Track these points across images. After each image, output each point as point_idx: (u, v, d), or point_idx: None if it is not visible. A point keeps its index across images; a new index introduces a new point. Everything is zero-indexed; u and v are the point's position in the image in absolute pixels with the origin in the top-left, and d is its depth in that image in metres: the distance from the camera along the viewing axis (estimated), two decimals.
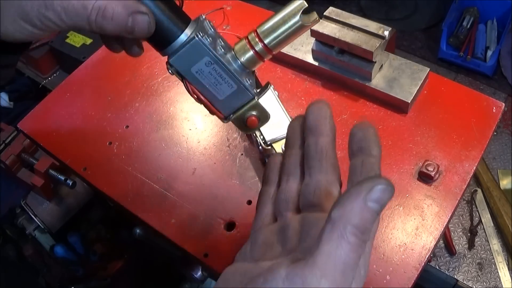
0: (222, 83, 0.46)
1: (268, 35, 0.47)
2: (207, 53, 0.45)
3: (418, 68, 0.81)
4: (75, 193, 1.33)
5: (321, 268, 0.29)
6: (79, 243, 1.38)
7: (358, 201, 0.30)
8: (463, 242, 1.23)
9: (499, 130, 1.45)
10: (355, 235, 0.30)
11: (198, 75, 0.46)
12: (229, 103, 0.48)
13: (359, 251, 0.30)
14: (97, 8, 0.39)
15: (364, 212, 0.30)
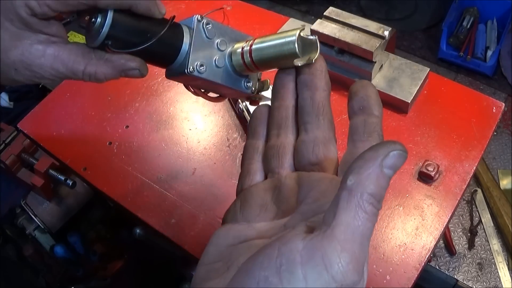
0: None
1: (258, 55, 0.43)
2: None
3: (418, 68, 0.81)
4: (75, 193, 1.33)
5: (341, 241, 0.27)
6: (79, 243, 1.38)
7: (375, 167, 0.28)
8: (463, 242, 1.23)
9: (499, 130, 1.45)
10: (372, 203, 0.28)
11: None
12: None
13: (374, 221, 0.28)
14: (88, 74, 0.41)
15: (380, 179, 0.28)
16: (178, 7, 1.02)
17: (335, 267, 0.27)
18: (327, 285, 0.26)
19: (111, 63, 0.42)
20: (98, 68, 0.41)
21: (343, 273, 0.27)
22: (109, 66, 0.42)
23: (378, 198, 0.28)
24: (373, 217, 0.28)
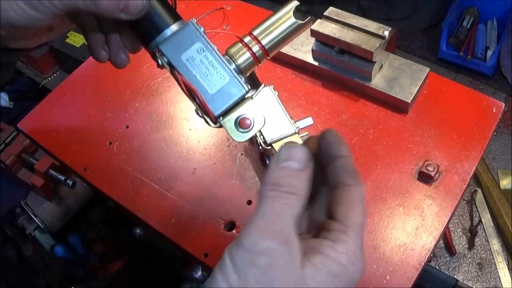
0: (214, 74, 0.43)
1: (265, 37, 0.46)
2: (200, 38, 0.44)
3: (418, 68, 0.81)
4: (75, 193, 1.33)
5: (248, 224, 0.36)
6: (79, 243, 1.38)
7: (270, 167, 0.38)
8: (463, 242, 1.23)
9: (499, 130, 1.45)
10: (273, 189, 0.37)
11: (188, 63, 0.43)
12: (220, 99, 0.43)
13: (282, 200, 0.37)
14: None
15: (276, 171, 0.38)
16: (178, 7, 1.02)
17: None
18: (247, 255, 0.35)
19: None
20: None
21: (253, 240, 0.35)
22: None
23: (277, 183, 0.37)
24: (277, 198, 0.37)
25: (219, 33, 0.96)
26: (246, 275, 0.34)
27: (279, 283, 0.34)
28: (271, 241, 0.35)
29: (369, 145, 0.76)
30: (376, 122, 0.79)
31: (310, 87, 0.85)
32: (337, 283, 0.36)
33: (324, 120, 0.80)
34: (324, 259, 0.36)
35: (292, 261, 0.35)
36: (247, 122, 0.45)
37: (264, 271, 0.34)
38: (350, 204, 0.40)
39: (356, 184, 0.42)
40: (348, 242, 0.38)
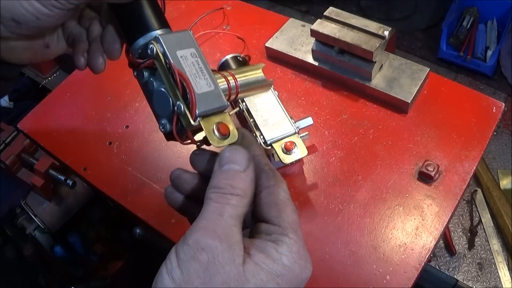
0: (202, 78, 0.45)
1: (241, 78, 0.48)
2: (195, 46, 0.45)
3: (418, 68, 0.81)
4: (75, 193, 1.33)
5: (198, 225, 0.38)
6: (79, 243, 1.38)
7: (213, 172, 0.40)
8: (463, 242, 1.23)
9: (499, 130, 1.45)
10: (214, 192, 0.39)
11: (182, 60, 0.45)
12: (204, 100, 0.44)
13: (222, 201, 0.38)
14: None
15: (218, 175, 0.40)
16: (178, 7, 1.03)
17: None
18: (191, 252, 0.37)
19: None
20: None
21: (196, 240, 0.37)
22: None
23: (218, 186, 0.39)
24: (219, 199, 0.39)
25: (219, 33, 0.96)
26: (188, 270, 0.36)
27: (220, 278, 0.35)
28: (212, 239, 0.37)
29: (369, 145, 0.76)
30: (376, 122, 0.79)
31: (310, 87, 0.85)
32: (280, 282, 0.37)
33: (324, 120, 0.80)
34: (266, 258, 0.38)
35: (233, 258, 0.36)
36: (226, 129, 0.44)
37: (205, 267, 0.36)
38: (278, 205, 0.42)
39: (277, 184, 0.43)
40: (289, 243, 0.39)
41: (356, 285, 0.63)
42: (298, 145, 0.70)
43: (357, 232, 0.68)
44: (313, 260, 0.67)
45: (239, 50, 0.92)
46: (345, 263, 0.65)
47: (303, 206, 0.71)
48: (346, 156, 0.76)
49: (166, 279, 0.36)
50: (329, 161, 0.75)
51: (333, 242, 0.67)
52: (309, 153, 0.73)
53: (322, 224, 0.69)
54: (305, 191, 0.73)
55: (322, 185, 0.73)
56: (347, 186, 0.72)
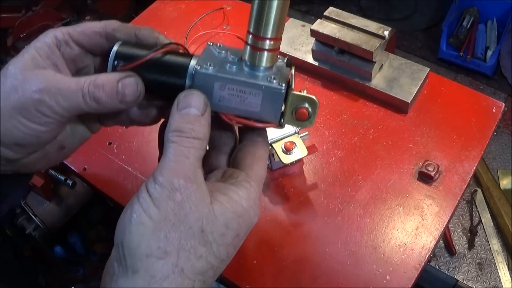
0: (248, 96, 0.44)
1: (251, 24, 0.44)
2: (213, 78, 0.43)
3: (418, 68, 0.81)
4: (75, 193, 1.33)
5: (160, 166, 0.40)
6: (79, 243, 1.38)
7: (172, 114, 0.42)
8: (463, 242, 1.23)
9: (499, 130, 1.45)
10: (177, 135, 0.41)
11: (222, 102, 0.44)
12: (269, 110, 0.44)
13: (187, 144, 0.40)
14: (89, 81, 0.42)
15: (178, 117, 0.41)
16: (178, 7, 1.03)
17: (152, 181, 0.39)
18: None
19: (110, 73, 0.43)
20: (99, 75, 0.42)
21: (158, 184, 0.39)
22: (109, 74, 0.43)
23: (179, 129, 0.41)
24: (183, 142, 0.40)
25: (219, 33, 0.96)
26: (165, 208, 0.38)
27: (193, 216, 0.39)
28: (184, 180, 0.39)
29: (369, 145, 0.76)
30: (376, 122, 0.79)
31: (310, 87, 0.85)
32: (240, 223, 0.41)
33: (324, 120, 0.80)
34: (229, 200, 0.41)
35: (203, 198, 0.40)
36: (303, 111, 0.45)
37: (180, 205, 0.39)
38: (255, 158, 0.46)
39: (263, 141, 0.47)
40: (250, 190, 0.43)
41: (356, 285, 0.63)
42: (298, 145, 0.70)
43: (357, 232, 0.68)
44: (313, 260, 0.67)
45: None
46: (345, 263, 0.65)
47: (303, 206, 0.71)
48: (346, 156, 0.76)
49: (143, 216, 0.38)
50: (329, 161, 0.75)
51: (333, 242, 0.67)
52: (309, 153, 0.73)
53: (322, 224, 0.69)
54: (305, 191, 0.73)
55: (322, 185, 0.73)
56: (347, 186, 0.72)
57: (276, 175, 0.74)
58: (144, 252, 0.38)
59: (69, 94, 0.41)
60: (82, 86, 0.41)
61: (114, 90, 0.42)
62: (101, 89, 0.42)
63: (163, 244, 0.38)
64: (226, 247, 0.41)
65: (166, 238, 0.38)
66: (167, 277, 0.38)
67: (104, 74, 0.43)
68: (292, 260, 0.65)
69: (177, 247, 0.38)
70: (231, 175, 0.45)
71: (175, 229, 0.38)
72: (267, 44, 0.44)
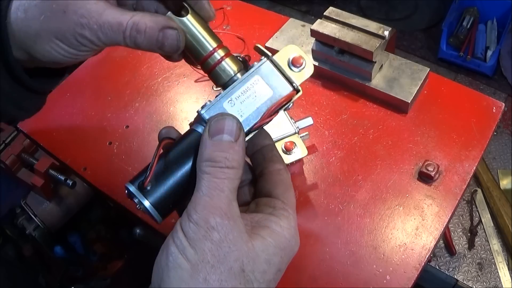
0: (255, 90, 0.44)
1: (197, 56, 0.46)
2: (220, 101, 0.44)
3: (418, 68, 0.81)
4: (75, 193, 1.33)
5: (194, 201, 0.38)
6: (79, 243, 1.38)
7: (203, 142, 0.40)
8: (463, 242, 1.23)
9: (499, 130, 1.45)
10: (210, 166, 0.38)
11: (245, 114, 0.44)
12: (278, 84, 0.46)
13: (221, 175, 0.38)
14: (131, 23, 0.41)
15: (209, 147, 0.39)
16: None
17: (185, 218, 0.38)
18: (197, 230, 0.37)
19: (155, 17, 0.42)
20: (142, 18, 0.41)
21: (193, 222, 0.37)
22: (153, 19, 0.42)
23: (213, 159, 0.39)
24: (217, 173, 0.38)
25: (219, 33, 0.96)
26: (202, 249, 0.36)
27: (233, 256, 0.37)
28: (221, 218, 0.37)
29: (369, 145, 0.76)
30: (376, 122, 0.79)
31: (310, 87, 0.85)
32: (282, 255, 0.40)
33: (324, 120, 0.80)
34: (271, 232, 0.39)
35: (241, 235, 0.38)
36: (295, 58, 0.47)
37: (218, 245, 0.37)
38: (286, 186, 0.45)
39: (285, 168, 0.46)
40: (289, 218, 0.42)
41: (356, 285, 0.63)
42: (298, 145, 0.70)
43: (357, 232, 0.68)
44: (313, 260, 0.67)
45: (239, 50, 0.92)
46: (345, 263, 0.65)
47: (303, 206, 0.71)
48: (346, 156, 0.76)
49: (180, 258, 0.37)
50: (329, 161, 0.75)
51: (333, 242, 0.67)
52: (309, 153, 0.73)
53: (322, 224, 0.69)
54: (305, 191, 0.73)
55: (322, 185, 0.73)
56: (347, 186, 0.72)
57: None
58: None
59: (110, 33, 0.41)
60: (124, 28, 0.41)
61: (154, 38, 0.42)
62: (142, 34, 0.41)
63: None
64: (268, 283, 0.39)
65: (205, 280, 0.36)
66: None
67: (148, 16, 0.42)
68: (292, 260, 0.65)
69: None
70: (266, 203, 0.43)
71: (215, 270, 0.36)
72: (217, 54, 0.45)
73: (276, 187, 0.44)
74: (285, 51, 0.46)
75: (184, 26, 0.44)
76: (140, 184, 0.43)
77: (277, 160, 0.46)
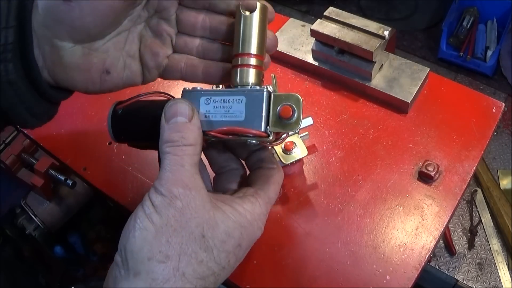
0: (232, 105, 0.44)
1: (235, 47, 0.48)
2: (198, 94, 0.45)
3: (418, 68, 0.81)
4: (75, 193, 1.33)
5: (159, 176, 0.41)
6: (79, 243, 1.38)
7: (162, 126, 0.43)
8: (463, 242, 1.23)
9: (499, 130, 1.45)
10: (169, 146, 0.42)
11: (208, 117, 0.45)
12: (254, 117, 0.44)
13: (180, 153, 0.42)
14: None
15: (167, 130, 0.43)
16: None
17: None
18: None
19: None
20: None
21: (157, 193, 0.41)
22: None
23: (171, 139, 0.42)
24: (176, 151, 0.42)
25: None
26: (167, 215, 0.40)
27: (195, 221, 0.40)
28: (183, 188, 0.41)
29: (369, 145, 0.76)
30: (376, 122, 0.79)
31: (310, 87, 0.85)
32: (242, 233, 0.43)
33: (324, 120, 0.80)
34: (233, 210, 0.43)
35: (203, 204, 0.41)
36: (286, 107, 0.46)
37: (181, 211, 0.40)
38: (269, 180, 0.48)
39: (278, 168, 0.49)
40: (255, 204, 0.45)
41: (356, 285, 0.63)
42: (298, 145, 0.70)
43: (357, 232, 0.68)
44: (313, 260, 0.67)
45: None
46: (345, 263, 0.65)
47: (303, 206, 0.71)
48: (346, 156, 0.76)
49: (145, 221, 0.40)
50: (329, 161, 0.75)
51: (333, 242, 0.67)
52: (309, 153, 0.73)
53: (322, 224, 0.69)
54: (305, 191, 0.73)
55: (322, 185, 0.73)
56: (347, 186, 0.72)
57: None
58: (146, 256, 0.39)
59: None
60: None
61: None
62: None
63: (164, 248, 0.39)
64: (227, 254, 0.42)
65: (167, 242, 0.39)
66: (168, 280, 0.39)
67: None
68: (292, 260, 0.65)
69: (178, 251, 0.39)
70: (240, 191, 0.47)
71: (177, 234, 0.39)
72: (251, 60, 0.45)
73: (258, 179, 0.48)
74: (287, 97, 0.46)
75: (244, 20, 0.45)
76: (116, 104, 0.50)
77: (269, 160, 0.49)
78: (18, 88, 0.43)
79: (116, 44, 0.46)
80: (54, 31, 0.42)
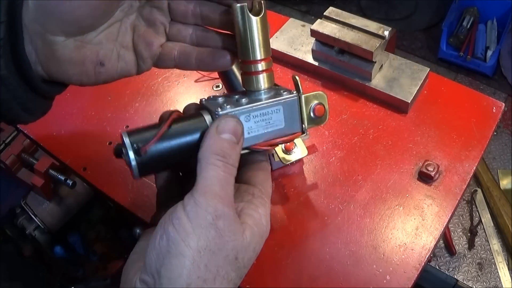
0: (271, 117, 0.46)
1: (240, 53, 0.47)
2: (238, 114, 0.45)
3: (418, 68, 0.81)
4: (75, 193, 1.33)
5: (202, 188, 0.39)
6: (79, 243, 1.38)
7: (210, 134, 0.42)
8: (463, 242, 1.23)
9: (499, 130, 1.45)
10: (220, 160, 0.40)
11: (252, 133, 0.46)
12: (292, 121, 0.48)
13: (227, 171, 0.41)
14: None
15: (219, 141, 0.41)
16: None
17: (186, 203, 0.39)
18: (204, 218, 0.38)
19: None
20: None
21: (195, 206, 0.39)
22: None
23: (223, 154, 0.41)
24: (225, 168, 0.40)
25: None
26: (206, 237, 0.38)
27: (231, 245, 0.40)
28: (228, 208, 0.39)
29: (369, 145, 0.76)
30: (376, 122, 0.79)
31: (310, 87, 0.85)
32: (261, 242, 0.43)
33: None
34: (254, 221, 0.42)
35: (237, 226, 0.40)
36: (320, 107, 0.50)
37: (220, 234, 0.39)
38: (265, 175, 0.48)
39: (267, 161, 0.50)
40: (266, 206, 0.45)
41: (356, 285, 0.63)
42: (298, 145, 0.70)
43: (357, 232, 0.68)
44: (313, 260, 0.67)
45: None
46: (345, 263, 0.65)
47: (303, 206, 0.71)
48: (346, 156, 0.76)
49: (182, 245, 0.38)
50: (329, 161, 0.75)
51: (333, 242, 0.67)
52: (309, 153, 0.73)
53: (322, 224, 0.69)
54: (305, 191, 0.73)
55: (322, 185, 0.73)
56: (347, 186, 0.72)
57: (276, 175, 0.74)
58: (184, 282, 0.38)
59: None
60: None
61: None
62: None
63: (203, 274, 0.38)
64: (249, 266, 0.42)
65: (205, 267, 0.38)
66: None
67: None
68: (292, 260, 0.65)
69: (214, 274, 0.39)
70: (246, 190, 0.46)
71: (215, 257, 0.39)
72: (265, 64, 0.47)
73: (256, 175, 0.47)
74: (315, 96, 0.50)
75: (250, 24, 0.45)
76: (137, 146, 0.43)
77: (258, 154, 0.49)
78: (9, 84, 0.42)
79: (109, 36, 0.46)
80: (45, 25, 0.42)
